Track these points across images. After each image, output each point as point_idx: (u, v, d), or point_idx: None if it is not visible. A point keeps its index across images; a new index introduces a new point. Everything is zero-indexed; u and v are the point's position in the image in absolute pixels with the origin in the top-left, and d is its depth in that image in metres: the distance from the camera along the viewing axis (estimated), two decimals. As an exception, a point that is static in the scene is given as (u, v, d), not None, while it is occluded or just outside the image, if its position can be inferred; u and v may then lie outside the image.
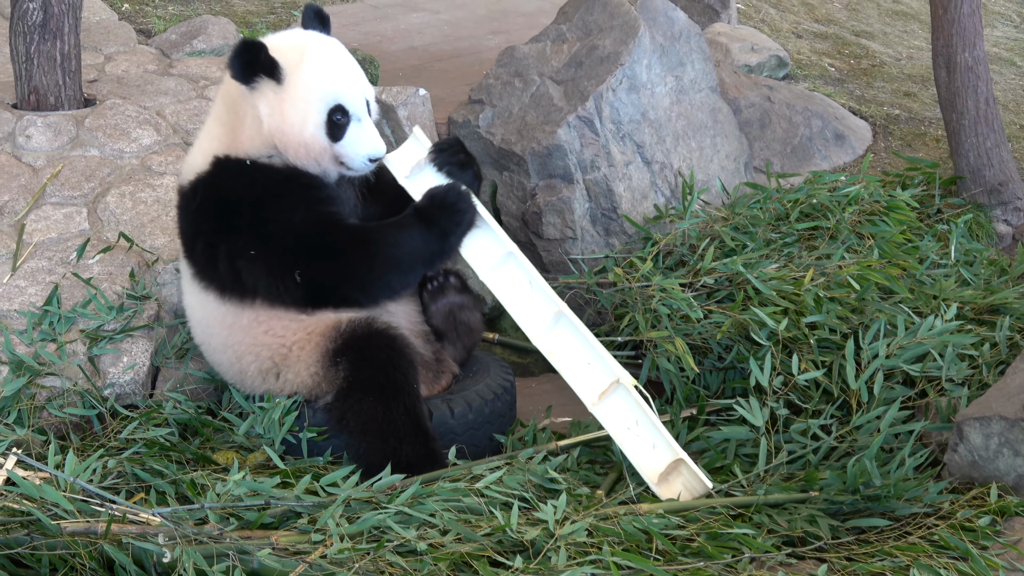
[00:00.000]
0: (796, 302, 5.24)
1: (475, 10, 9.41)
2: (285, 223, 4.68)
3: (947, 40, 6.77)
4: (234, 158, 4.76)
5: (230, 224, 4.72)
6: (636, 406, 4.55)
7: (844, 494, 4.31)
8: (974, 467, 4.44)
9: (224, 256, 4.74)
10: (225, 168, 4.77)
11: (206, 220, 4.79)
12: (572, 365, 4.67)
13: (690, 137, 6.54)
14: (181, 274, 5.05)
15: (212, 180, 4.78)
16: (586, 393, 4.62)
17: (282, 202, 4.70)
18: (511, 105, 6.38)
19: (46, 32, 6.19)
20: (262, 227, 4.69)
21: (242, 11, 8.75)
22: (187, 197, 4.87)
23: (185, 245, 4.93)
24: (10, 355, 4.92)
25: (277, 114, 4.68)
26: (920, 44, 9.76)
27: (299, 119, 4.68)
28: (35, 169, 5.92)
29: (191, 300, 4.99)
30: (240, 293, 4.77)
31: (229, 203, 4.74)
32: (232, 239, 4.72)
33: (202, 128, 4.99)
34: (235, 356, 4.87)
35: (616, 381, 4.58)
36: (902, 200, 6.18)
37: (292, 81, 4.69)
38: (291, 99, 4.68)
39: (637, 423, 4.55)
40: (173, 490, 4.35)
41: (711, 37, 8.32)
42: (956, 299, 5.43)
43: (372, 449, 4.60)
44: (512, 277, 4.80)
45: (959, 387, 4.89)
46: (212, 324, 4.90)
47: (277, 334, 4.78)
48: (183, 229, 4.95)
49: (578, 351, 4.69)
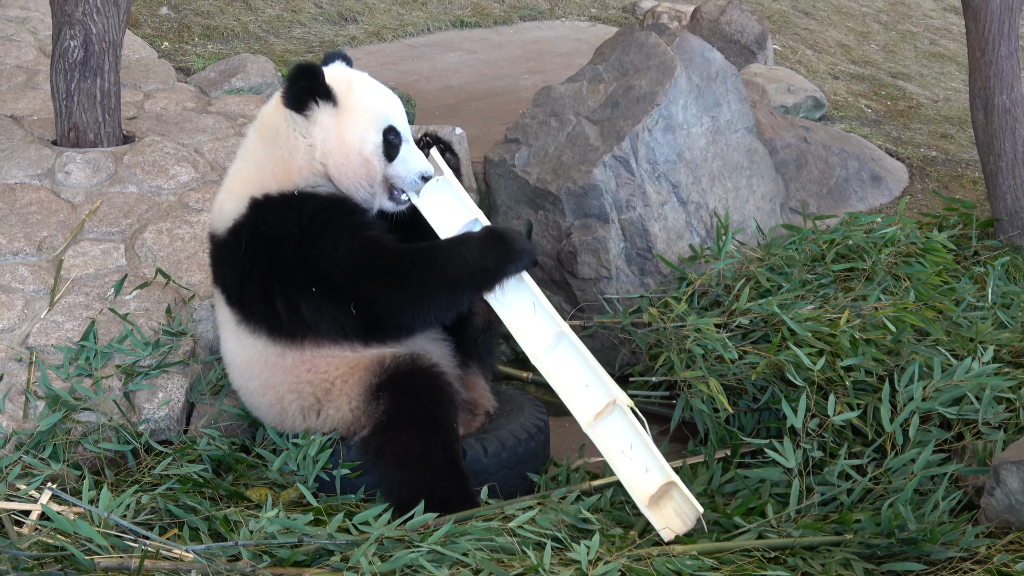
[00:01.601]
0: (832, 343, 5.21)
1: (511, 50, 9.45)
2: (333, 256, 4.67)
3: (984, 82, 6.75)
4: (276, 194, 4.75)
5: (281, 265, 4.70)
6: (631, 428, 4.53)
7: (879, 537, 4.28)
8: (1011, 511, 4.39)
9: (280, 296, 4.72)
10: (267, 207, 4.75)
11: (255, 265, 4.75)
12: (570, 386, 4.65)
13: (726, 177, 6.53)
14: (219, 321, 5.03)
15: (254, 223, 4.76)
16: (582, 413, 4.60)
17: (327, 232, 4.68)
18: (547, 144, 6.39)
19: (87, 70, 6.24)
20: (313, 265, 4.68)
21: (280, 50, 8.81)
22: (227, 245, 4.83)
23: (228, 292, 4.88)
24: (46, 390, 4.95)
25: (335, 136, 4.70)
26: (957, 86, 9.74)
27: (358, 139, 4.72)
28: (74, 205, 5.96)
29: (232, 346, 4.96)
30: (292, 333, 4.75)
31: (276, 244, 4.71)
32: (287, 280, 4.70)
33: (230, 173, 4.98)
34: (276, 397, 4.85)
35: (612, 402, 4.56)
36: (939, 242, 6.15)
37: (347, 104, 4.73)
38: (349, 120, 4.72)
39: (632, 446, 4.52)
40: (206, 526, 4.36)
41: (747, 78, 8.32)
42: (993, 341, 5.39)
43: (406, 483, 4.59)
44: (516, 297, 4.80)
45: (995, 431, 4.85)
46: (254, 367, 4.87)
47: (320, 371, 4.77)
48: (225, 276, 4.89)
49: (577, 372, 4.67)
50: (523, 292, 4.79)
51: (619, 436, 4.55)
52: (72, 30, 6.21)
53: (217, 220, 4.90)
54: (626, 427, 4.54)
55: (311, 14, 9.52)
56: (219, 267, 4.94)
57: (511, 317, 4.78)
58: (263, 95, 7.66)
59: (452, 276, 4.72)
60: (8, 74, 7.55)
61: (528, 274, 4.81)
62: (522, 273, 4.79)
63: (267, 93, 7.79)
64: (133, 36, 8.35)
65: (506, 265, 4.75)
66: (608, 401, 4.58)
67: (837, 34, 10.65)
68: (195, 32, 8.86)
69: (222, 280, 4.91)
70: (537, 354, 4.71)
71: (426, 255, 4.77)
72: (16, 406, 4.94)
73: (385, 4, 9.93)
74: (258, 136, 4.88)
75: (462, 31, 9.87)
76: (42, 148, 6.29)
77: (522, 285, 4.79)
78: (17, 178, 6.12)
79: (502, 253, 4.75)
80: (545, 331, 4.74)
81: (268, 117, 4.83)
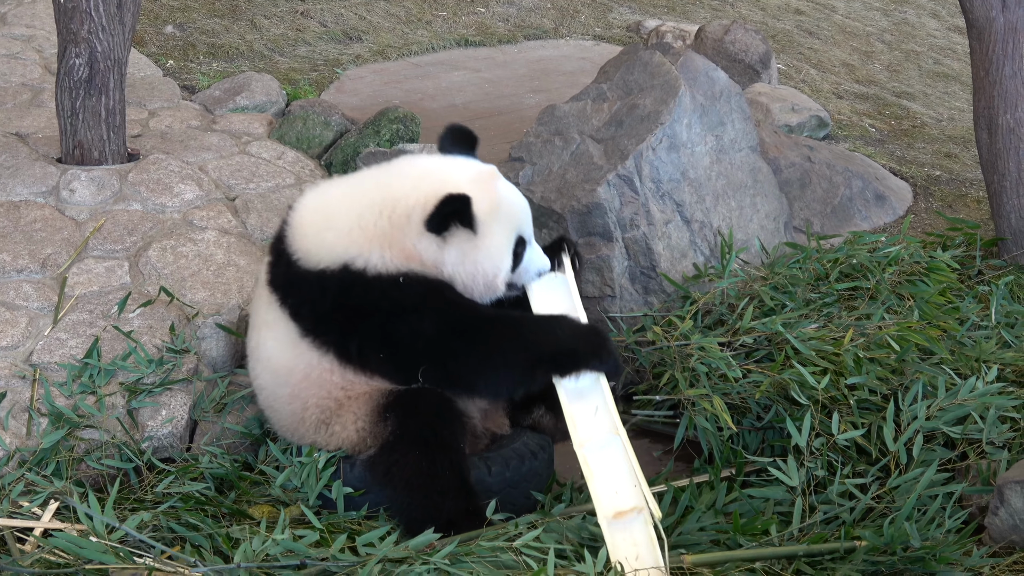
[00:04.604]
0: (836, 363, 5.20)
1: (515, 69, 9.47)
2: (420, 329, 4.63)
3: (988, 102, 6.76)
4: (380, 273, 4.64)
5: (362, 325, 4.65)
6: (647, 540, 4.31)
7: (884, 555, 4.27)
8: (1016, 531, 4.38)
9: (355, 344, 4.68)
10: (363, 285, 4.63)
11: (337, 314, 4.68)
12: (602, 482, 4.45)
13: (730, 196, 6.53)
14: (266, 320, 4.89)
15: (347, 287, 4.65)
16: (603, 508, 4.38)
17: (425, 314, 4.63)
18: (551, 163, 6.40)
19: (91, 87, 6.26)
20: (396, 334, 4.64)
21: (285, 68, 8.83)
22: (308, 283, 4.71)
23: (296, 312, 4.76)
24: (50, 407, 4.95)
25: (470, 263, 4.65)
26: (961, 105, 9.75)
27: (493, 267, 4.68)
28: (78, 223, 5.98)
29: (274, 348, 4.85)
30: (360, 365, 4.72)
31: (363, 312, 4.65)
32: (365, 336, 4.67)
33: (328, 209, 4.80)
34: (302, 406, 4.82)
35: (638, 509, 4.36)
36: (943, 261, 6.15)
37: (487, 231, 4.66)
38: (486, 248, 4.66)
39: (638, 557, 4.29)
40: (209, 544, 4.35)
41: (752, 97, 8.33)
42: (997, 361, 5.39)
43: (415, 504, 4.59)
44: (586, 391, 4.66)
45: (999, 450, 4.84)
46: (294, 374, 4.80)
47: (342, 387, 4.78)
48: (299, 304, 4.77)
49: (614, 473, 4.47)
50: (595, 391, 4.65)
51: (631, 543, 4.32)
52: (77, 48, 6.23)
53: (301, 250, 4.76)
54: (641, 537, 4.32)
55: (316, 33, 9.54)
56: (289, 286, 4.81)
57: (572, 406, 4.63)
58: (267, 113, 7.67)
59: (535, 347, 4.67)
60: (13, 92, 7.57)
61: (606, 382, 4.68)
62: (602, 375, 4.69)
63: (273, 112, 7.80)
64: (138, 54, 8.38)
65: (593, 358, 4.67)
66: (634, 506, 4.38)
67: (841, 53, 10.67)
68: (200, 50, 8.88)
69: (291, 300, 4.80)
70: (582, 443, 4.53)
71: (515, 321, 4.75)
72: (19, 423, 4.94)
73: (390, 23, 9.95)
74: (379, 207, 4.70)
75: (467, 50, 9.88)
76: (47, 166, 6.31)
77: (596, 386, 4.66)
78: (22, 195, 6.14)
79: (594, 344, 4.69)
80: (600, 429, 4.57)
81: (402, 202, 4.67)
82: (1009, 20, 6.64)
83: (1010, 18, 6.64)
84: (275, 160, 6.90)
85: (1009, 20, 6.64)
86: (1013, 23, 6.65)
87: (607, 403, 4.60)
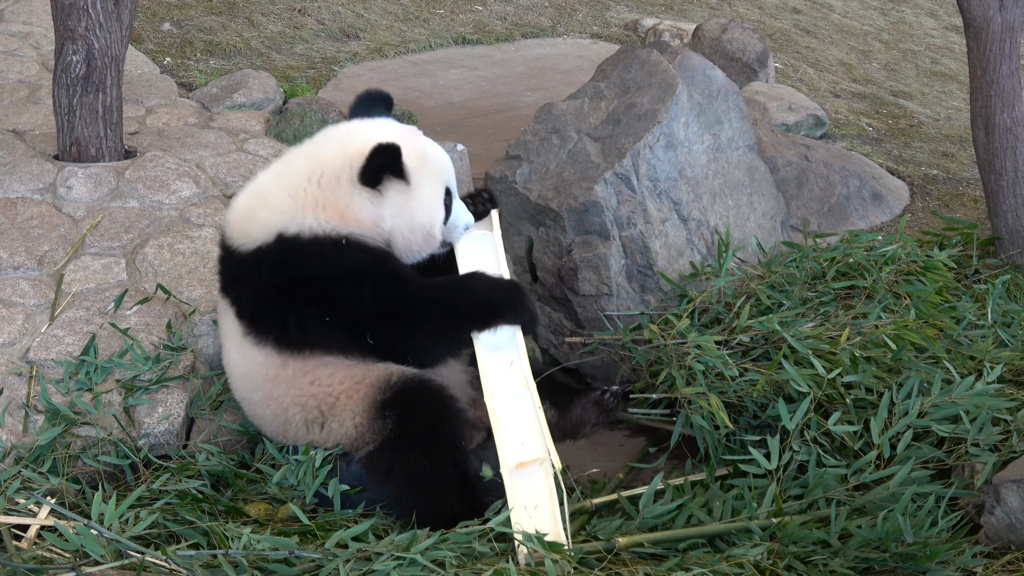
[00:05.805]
0: (832, 361, 5.21)
1: (513, 67, 9.47)
2: (358, 300, 4.68)
3: (986, 101, 6.76)
4: (315, 235, 4.68)
5: (301, 293, 4.68)
6: (546, 490, 4.40)
7: (875, 552, 4.27)
8: (1011, 530, 4.38)
9: (294, 316, 4.71)
10: (301, 248, 4.69)
11: (274, 290, 4.72)
12: (509, 433, 4.58)
13: (727, 195, 6.53)
14: (224, 331, 5.00)
15: (282, 257, 4.70)
16: (507, 458, 4.50)
17: (366, 284, 4.68)
18: (548, 161, 6.40)
19: (89, 84, 6.26)
20: (335, 301, 4.68)
21: (282, 66, 8.82)
22: (246, 264, 4.77)
23: (239, 305, 4.84)
24: (46, 404, 4.94)
25: (407, 215, 4.75)
26: (958, 105, 9.76)
27: (428, 218, 4.79)
28: (75, 220, 5.97)
29: (235, 356, 4.93)
30: (299, 344, 4.74)
31: (300, 280, 4.69)
32: (303, 307, 4.69)
33: (257, 189, 4.90)
34: (280, 408, 4.83)
35: (540, 460, 4.47)
36: (939, 260, 6.15)
37: (420, 182, 4.77)
38: (420, 199, 4.77)
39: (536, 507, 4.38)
40: (205, 541, 4.35)
41: (749, 96, 8.33)
42: (993, 360, 5.39)
43: (419, 502, 4.60)
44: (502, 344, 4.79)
45: (984, 452, 4.83)
46: (256, 378, 4.86)
47: (324, 384, 4.76)
48: (239, 292, 4.85)
49: (520, 426, 4.60)
50: (511, 346, 4.77)
51: (531, 492, 4.42)
52: (75, 45, 6.22)
53: (237, 235, 4.83)
54: (541, 487, 4.43)
55: (313, 30, 9.53)
56: (232, 280, 4.89)
57: (487, 358, 4.76)
58: (264, 110, 7.67)
59: (459, 307, 4.76)
60: (10, 89, 7.56)
61: (522, 336, 4.80)
62: (518, 328, 4.80)
63: (270, 109, 7.80)
64: (135, 51, 8.37)
65: (508, 310, 4.78)
66: (536, 457, 4.50)
67: (839, 52, 10.67)
68: (197, 48, 8.88)
69: (234, 294, 4.87)
70: (493, 394, 4.66)
71: (442, 287, 4.82)
72: (16, 420, 4.94)
73: (387, 21, 9.95)
74: (307, 174, 4.78)
75: (464, 48, 9.88)
76: (44, 163, 6.30)
77: (512, 341, 4.78)
78: (19, 192, 6.13)
79: (510, 297, 4.79)
80: (512, 383, 4.70)
81: (329, 164, 4.75)
82: (1006, 19, 6.64)
83: (1007, 17, 6.65)
84: (272, 157, 6.89)
85: (1006, 19, 6.64)
86: (1010, 22, 6.66)
87: (521, 358, 4.72)
